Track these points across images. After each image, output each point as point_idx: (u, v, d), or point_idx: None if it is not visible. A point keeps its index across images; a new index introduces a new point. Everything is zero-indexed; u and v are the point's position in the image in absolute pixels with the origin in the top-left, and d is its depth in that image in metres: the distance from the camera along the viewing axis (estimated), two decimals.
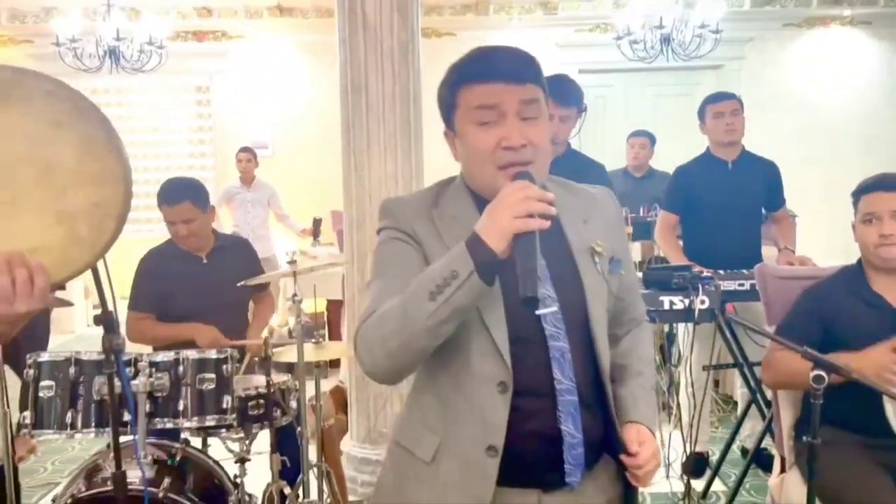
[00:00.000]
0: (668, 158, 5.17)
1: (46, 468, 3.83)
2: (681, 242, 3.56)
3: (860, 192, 2.16)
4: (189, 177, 3.10)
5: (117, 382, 1.69)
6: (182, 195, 2.77)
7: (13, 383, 2.26)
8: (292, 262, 2.50)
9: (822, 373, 1.71)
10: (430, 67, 3.35)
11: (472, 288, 1.11)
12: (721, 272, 3.02)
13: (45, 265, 1.16)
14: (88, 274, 1.34)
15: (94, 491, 2.02)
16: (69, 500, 2.03)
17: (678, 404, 3.54)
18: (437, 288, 1.12)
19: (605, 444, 1.31)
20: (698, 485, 3.32)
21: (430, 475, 1.28)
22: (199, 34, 6.99)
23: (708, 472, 3.35)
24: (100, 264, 1.50)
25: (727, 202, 3.35)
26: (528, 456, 1.25)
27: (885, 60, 7.13)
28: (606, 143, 7.10)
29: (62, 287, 1.31)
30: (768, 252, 3.59)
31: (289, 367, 2.95)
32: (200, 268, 2.85)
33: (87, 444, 4.10)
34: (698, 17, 5.42)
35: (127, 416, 2.09)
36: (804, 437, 1.88)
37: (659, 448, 1.30)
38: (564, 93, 2.77)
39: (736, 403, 4.12)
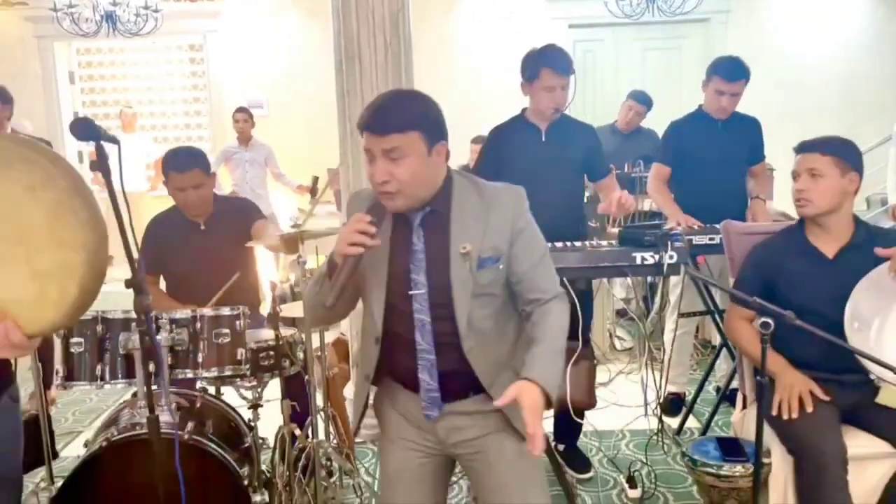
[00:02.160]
0: (656, 113, 5.31)
1: (67, 418, 4.09)
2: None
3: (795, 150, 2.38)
4: (189, 146, 3.25)
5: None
6: (191, 163, 2.94)
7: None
8: (297, 226, 2.70)
9: (768, 320, 1.95)
10: (419, 24, 3.48)
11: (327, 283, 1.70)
12: (695, 227, 3.24)
13: (18, 319, 1.32)
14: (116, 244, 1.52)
15: (127, 434, 2.27)
16: (103, 444, 2.27)
17: (658, 348, 3.80)
18: (317, 279, 1.77)
19: (472, 384, 1.75)
20: (675, 423, 3.60)
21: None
22: None
23: (683, 411, 3.62)
24: (129, 231, 1.71)
25: (716, 158, 3.51)
26: (402, 382, 1.82)
27: (869, 14, 7.22)
28: (597, 98, 7.23)
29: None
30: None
31: (292, 322, 3.17)
32: (198, 234, 3.03)
33: (104, 395, 4.37)
34: None
35: (152, 368, 2.31)
36: (757, 378, 2.13)
37: (540, 399, 1.57)
38: (563, 63, 2.92)
39: (714, 348, 4.38)
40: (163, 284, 3.15)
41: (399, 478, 1.87)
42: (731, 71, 3.46)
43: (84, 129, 1.54)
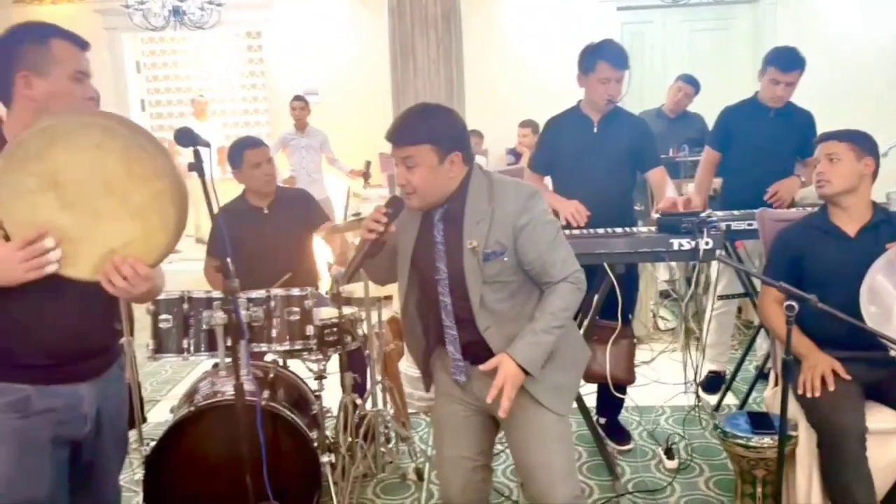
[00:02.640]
0: (705, 94, 5.34)
1: (146, 388, 4.44)
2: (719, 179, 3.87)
3: None
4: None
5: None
6: (260, 141, 3.35)
7: (140, 316, 2.77)
8: (357, 215, 2.94)
9: (793, 303, 2.11)
10: (469, 15, 3.64)
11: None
12: (735, 213, 3.38)
13: (138, 254, 1.58)
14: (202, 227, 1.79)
15: (213, 401, 2.55)
16: (191, 409, 2.56)
17: (700, 328, 3.95)
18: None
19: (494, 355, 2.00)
20: (714, 399, 3.76)
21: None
22: None
23: (722, 389, 3.78)
24: (221, 223, 1.97)
25: (765, 146, 3.61)
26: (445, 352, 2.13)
27: None
28: (644, 81, 7.27)
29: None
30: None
31: (347, 301, 3.42)
32: (262, 218, 3.32)
33: (179, 367, 4.72)
34: None
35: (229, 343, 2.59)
36: (783, 357, 2.30)
37: (514, 372, 1.91)
38: (620, 58, 3.07)
39: (756, 328, 4.50)
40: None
41: (446, 427, 2.18)
42: (786, 61, 3.54)
43: (186, 137, 1.82)
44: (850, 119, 2.65)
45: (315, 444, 2.64)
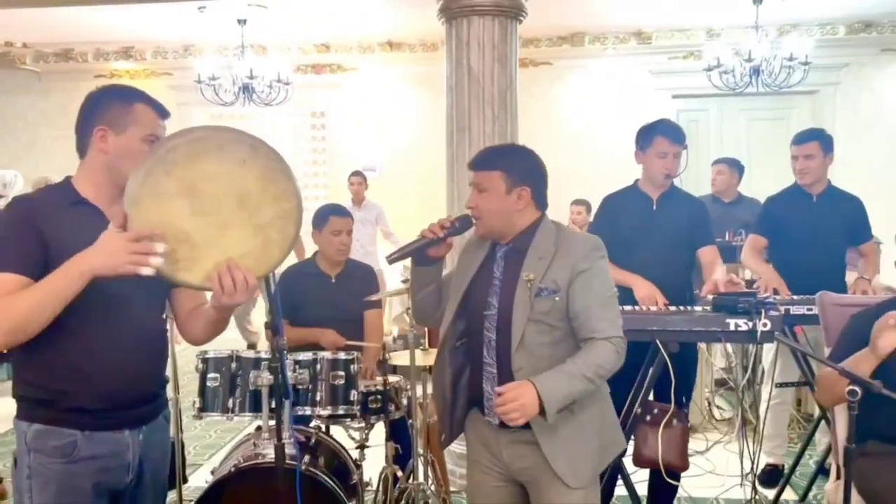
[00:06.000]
0: (760, 183, 5.31)
1: (189, 451, 4.44)
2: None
3: None
4: None
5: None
6: (347, 211, 3.47)
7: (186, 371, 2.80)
8: (406, 281, 2.96)
9: (856, 388, 2.01)
10: (526, 94, 3.76)
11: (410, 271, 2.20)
12: (795, 297, 3.28)
13: (250, 265, 1.65)
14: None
15: (252, 462, 2.54)
16: (231, 469, 2.54)
17: (759, 418, 3.78)
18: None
19: None
20: (771, 494, 3.56)
21: None
22: (318, 67, 7.67)
23: (781, 483, 3.58)
24: (270, 280, 2.01)
25: (809, 234, 3.56)
26: (471, 395, 2.13)
27: None
28: (700, 168, 7.25)
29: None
30: (854, 278, 3.76)
31: (394, 370, 3.41)
32: (329, 285, 3.37)
33: (223, 431, 4.72)
34: (787, 48, 5.56)
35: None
36: (845, 446, 2.17)
37: (530, 400, 1.84)
38: (676, 133, 3.11)
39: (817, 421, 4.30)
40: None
41: (477, 498, 2.16)
42: (798, 136, 3.67)
43: None
44: None
45: None
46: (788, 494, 3.57)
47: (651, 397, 2.93)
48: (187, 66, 7.10)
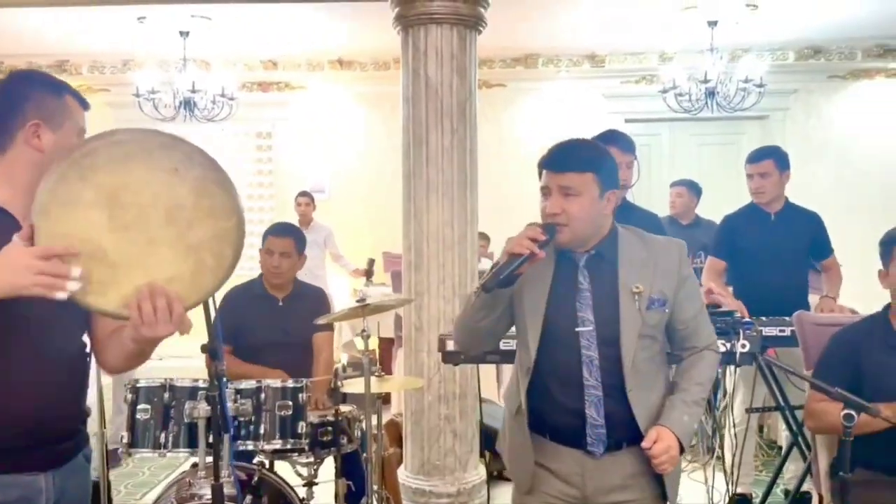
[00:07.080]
0: (714, 206, 5.28)
1: (120, 490, 4.08)
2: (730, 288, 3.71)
3: (887, 244, 2.33)
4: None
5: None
6: (289, 232, 3.19)
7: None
8: (361, 301, 2.73)
9: (852, 412, 1.87)
10: (480, 116, 3.63)
11: (481, 297, 1.81)
12: (764, 318, 3.17)
13: (179, 292, 1.39)
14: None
15: None
16: None
17: (721, 446, 3.65)
18: (467, 300, 1.91)
19: (630, 431, 1.80)
20: None
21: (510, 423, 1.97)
22: (265, 85, 7.41)
23: None
24: (210, 300, 1.75)
25: (769, 252, 3.49)
26: (560, 424, 1.85)
27: None
28: (653, 191, 7.25)
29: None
30: (817, 300, 3.69)
31: (344, 398, 3.16)
32: (276, 308, 3.12)
33: (157, 469, 4.36)
34: (742, 71, 5.58)
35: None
36: (839, 474, 2.02)
37: (675, 445, 1.74)
38: (625, 143, 3.08)
39: (780, 448, 4.19)
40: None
41: None
42: (752, 155, 3.66)
43: None
44: (857, 232, 2.48)
45: None
46: None
47: None
48: (126, 81, 6.75)
